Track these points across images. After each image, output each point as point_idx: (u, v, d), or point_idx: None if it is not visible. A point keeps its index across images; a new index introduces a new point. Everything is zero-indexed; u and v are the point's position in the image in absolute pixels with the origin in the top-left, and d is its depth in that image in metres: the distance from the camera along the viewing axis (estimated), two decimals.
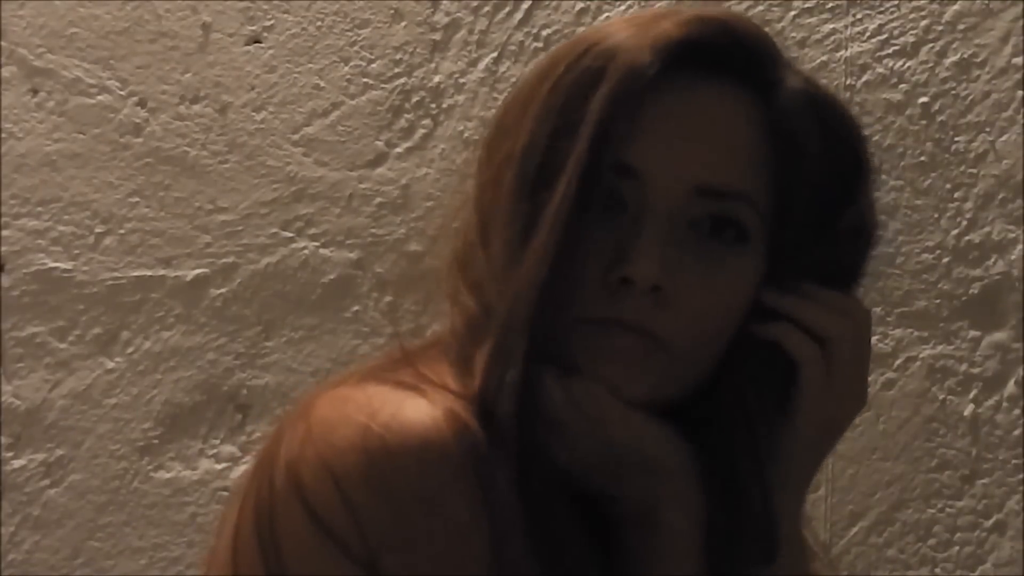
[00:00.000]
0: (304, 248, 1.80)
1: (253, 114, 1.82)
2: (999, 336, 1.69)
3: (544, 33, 1.77)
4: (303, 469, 0.87)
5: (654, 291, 0.90)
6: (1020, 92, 1.70)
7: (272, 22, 1.83)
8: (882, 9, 1.73)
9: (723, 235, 0.93)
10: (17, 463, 1.81)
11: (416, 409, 0.87)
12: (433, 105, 1.79)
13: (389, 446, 0.85)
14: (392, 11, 1.81)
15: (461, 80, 1.79)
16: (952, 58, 1.71)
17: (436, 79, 1.79)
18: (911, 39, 1.72)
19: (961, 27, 1.71)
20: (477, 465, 0.86)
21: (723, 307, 0.94)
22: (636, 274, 0.90)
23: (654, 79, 0.92)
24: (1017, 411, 1.69)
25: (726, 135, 0.94)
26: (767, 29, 1.76)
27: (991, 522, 1.69)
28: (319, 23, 1.82)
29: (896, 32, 1.72)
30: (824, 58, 1.72)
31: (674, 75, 0.93)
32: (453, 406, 0.88)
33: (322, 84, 1.82)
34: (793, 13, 1.73)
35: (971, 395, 1.70)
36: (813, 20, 1.73)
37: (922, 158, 1.71)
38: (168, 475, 1.80)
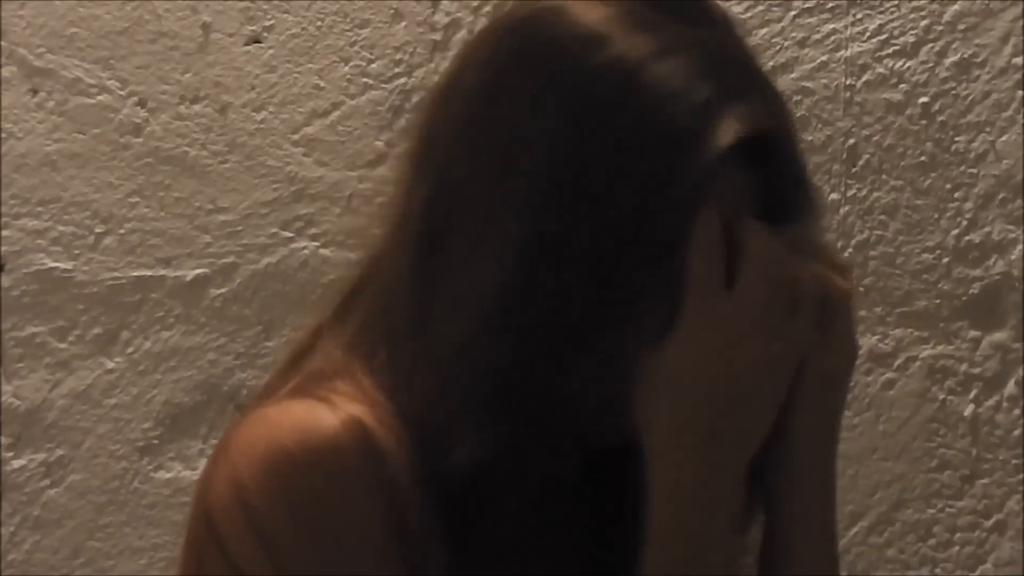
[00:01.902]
0: (304, 248, 1.80)
1: (253, 114, 1.82)
2: (999, 336, 1.69)
3: None
4: (214, 500, 0.88)
5: None
6: (1020, 92, 1.70)
7: (272, 22, 1.83)
8: (882, 9, 1.73)
9: None
10: (17, 463, 1.81)
11: (319, 421, 0.86)
12: None
13: (289, 461, 0.85)
14: (392, 11, 1.81)
15: None
16: (952, 58, 1.71)
17: (436, 79, 1.79)
18: (911, 39, 1.72)
19: (961, 27, 1.71)
20: (381, 471, 0.86)
21: None
22: None
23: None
24: (1017, 411, 1.69)
25: None
26: (767, 29, 1.77)
27: (991, 522, 1.69)
28: (319, 23, 1.82)
29: (896, 32, 1.72)
30: (824, 58, 1.72)
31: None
32: (359, 414, 0.87)
33: (322, 84, 1.82)
34: (793, 13, 1.73)
35: (971, 395, 1.69)
36: (813, 20, 1.73)
37: (922, 158, 1.71)
38: (168, 475, 1.80)
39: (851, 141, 1.72)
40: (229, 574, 0.86)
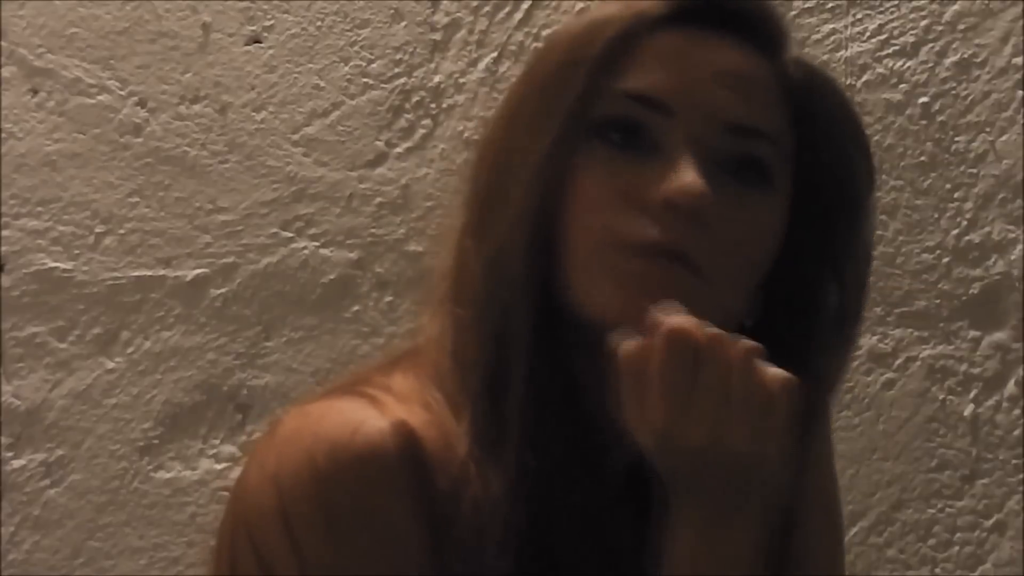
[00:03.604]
0: (304, 248, 1.80)
1: (253, 114, 1.82)
2: (999, 336, 1.69)
3: (544, 33, 1.77)
4: (251, 488, 0.87)
5: (695, 215, 0.89)
6: (1020, 92, 1.70)
7: (272, 22, 1.83)
8: (882, 9, 1.73)
9: (746, 176, 0.93)
10: (17, 463, 1.81)
11: (365, 424, 0.86)
12: (433, 105, 1.79)
13: (330, 462, 0.84)
14: (392, 11, 1.81)
15: (461, 80, 1.79)
16: (952, 58, 1.71)
17: (436, 79, 1.79)
18: (911, 39, 1.72)
19: (961, 27, 1.71)
20: (425, 478, 0.85)
21: (754, 242, 0.93)
22: (682, 192, 0.88)
23: (663, 22, 0.93)
24: (1017, 411, 1.69)
25: (749, 77, 0.93)
26: None
27: (991, 522, 1.69)
28: (319, 23, 1.82)
29: (896, 32, 1.72)
30: (824, 58, 1.72)
31: (683, 25, 0.93)
32: (405, 417, 0.86)
33: (322, 84, 1.82)
34: (793, 13, 1.73)
35: (971, 395, 1.69)
36: (813, 20, 1.73)
37: (922, 158, 1.71)
38: (168, 475, 1.80)
39: None
40: (257, 568, 0.86)
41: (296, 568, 0.84)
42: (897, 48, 1.72)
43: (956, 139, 1.70)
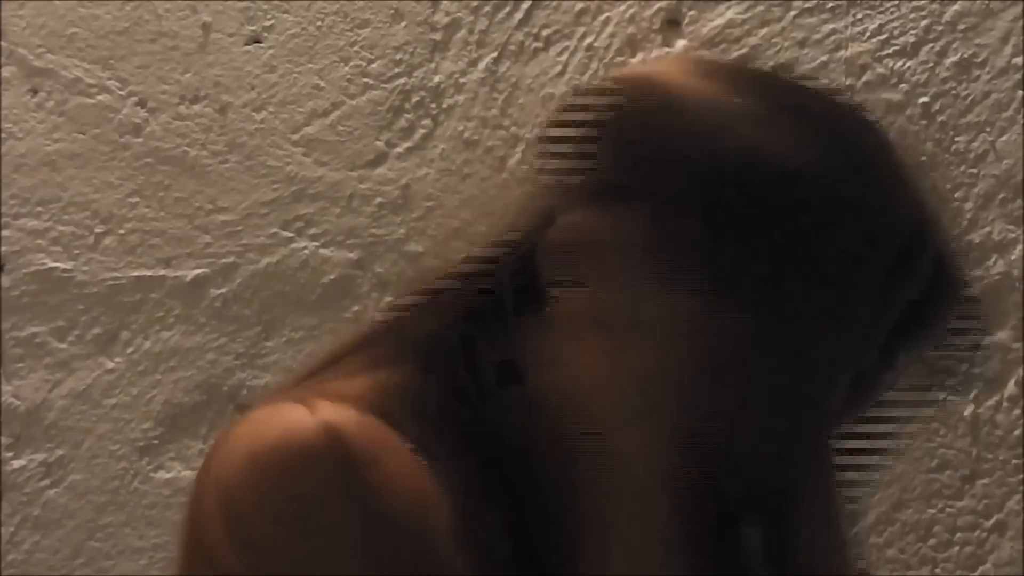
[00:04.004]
0: (304, 248, 1.80)
1: (253, 114, 1.82)
2: (999, 336, 1.69)
3: (544, 33, 1.77)
4: (200, 497, 0.90)
5: None
6: (1020, 92, 1.70)
7: (272, 22, 1.83)
8: (882, 9, 1.73)
9: None
10: (17, 463, 1.81)
11: (292, 423, 0.87)
12: (433, 105, 1.79)
13: (264, 463, 0.86)
14: (392, 11, 1.81)
15: (461, 80, 1.79)
16: (952, 58, 1.71)
17: (436, 79, 1.79)
18: (911, 39, 1.72)
19: (961, 27, 1.71)
20: (355, 478, 0.86)
21: None
22: None
23: None
24: (1017, 411, 1.69)
25: None
26: (767, 29, 1.76)
27: (991, 522, 1.69)
28: (319, 23, 1.82)
29: (896, 32, 1.72)
30: (824, 58, 1.72)
31: None
32: (339, 420, 0.88)
33: (322, 84, 1.82)
34: (793, 13, 1.73)
35: (971, 395, 1.69)
36: (813, 20, 1.73)
37: (922, 158, 1.71)
38: (168, 475, 1.80)
39: None
40: (212, 573, 0.87)
41: (241, 569, 0.85)
42: (897, 48, 1.72)
43: (956, 139, 1.70)
